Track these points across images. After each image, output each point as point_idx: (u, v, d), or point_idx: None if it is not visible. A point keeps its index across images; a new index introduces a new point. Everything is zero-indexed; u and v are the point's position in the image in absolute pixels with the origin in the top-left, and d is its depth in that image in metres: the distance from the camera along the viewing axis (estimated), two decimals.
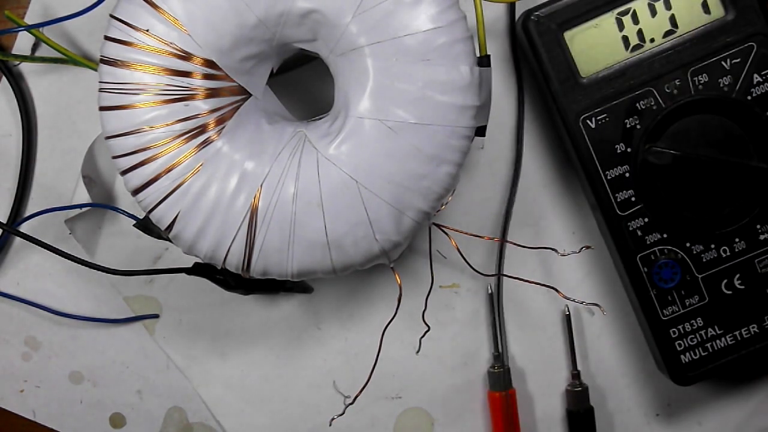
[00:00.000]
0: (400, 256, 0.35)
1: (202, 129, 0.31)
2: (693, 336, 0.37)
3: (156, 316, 0.41)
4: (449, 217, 0.40)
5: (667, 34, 0.37)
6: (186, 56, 0.31)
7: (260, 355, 0.41)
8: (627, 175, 0.37)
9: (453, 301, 0.41)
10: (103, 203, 0.40)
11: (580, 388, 0.40)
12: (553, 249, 0.38)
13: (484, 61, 0.32)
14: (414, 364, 0.41)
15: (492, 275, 0.39)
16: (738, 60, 0.36)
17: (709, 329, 0.37)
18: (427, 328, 0.38)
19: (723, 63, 0.36)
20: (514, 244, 0.38)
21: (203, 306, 0.41)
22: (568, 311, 0.40)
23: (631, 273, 0.37)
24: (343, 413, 0.39)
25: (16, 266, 0.41)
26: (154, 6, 0.31)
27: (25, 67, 0.41)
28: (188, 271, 0.38)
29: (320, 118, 0.34)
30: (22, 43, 0.40)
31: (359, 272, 0.37)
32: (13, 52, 0.40)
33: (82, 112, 0.40)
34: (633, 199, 0.37)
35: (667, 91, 0.36)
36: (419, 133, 0.31)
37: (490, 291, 0.41)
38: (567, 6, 0.36)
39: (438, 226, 0.36)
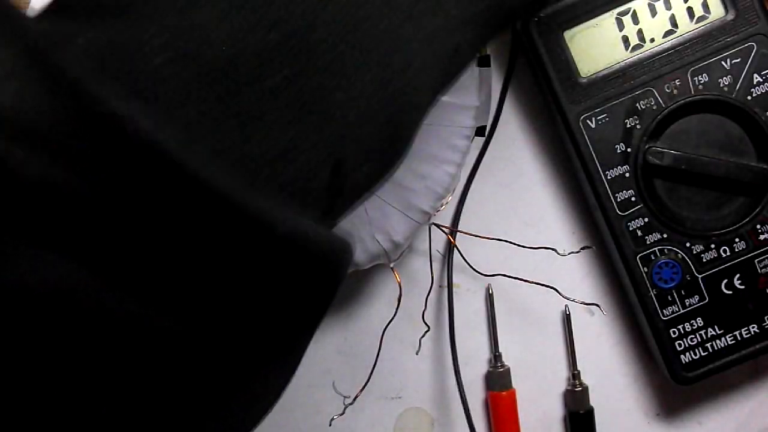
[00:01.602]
0: (400, 255, 0.35)
1: None
2: (693, 336, 0.37)
3: None
4: (449, 217, 0.40)
5: (667, 34, 0.37)
6: None
7: None
8: (627, 175, 0.37)
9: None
10: None
11: (580, 388, 0.40)
12: (553, 249, 0.38)
13: (484, 61, 0.32)
14: (414, 364, 0.41)
15: (492, 275, 0.39)
16: (738, 60, 0.36)
17: (709, 329, 0.37)
18: (427, 328, 0.38)
19: (723, 63, 0.36)
20: (514, 244, 0.38)
21: None
22: (568, 311, 0.40)
23: (631, 273, 0.37)
24: (343, 413, 0.39)
25: None
26: None
27: None
28: None
29: None
30: None
31: (359, 272, 0.37)
32: None
33: None
34: (633, 199, 0.37)
35: (667, 91, 0.36)
36: (419, 132, 0.31)
37: (490, 291, 0.41)
38: (567, 6, 0.36)
39: (438, 226, 0.36)
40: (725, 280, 0.37)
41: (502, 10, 0.23)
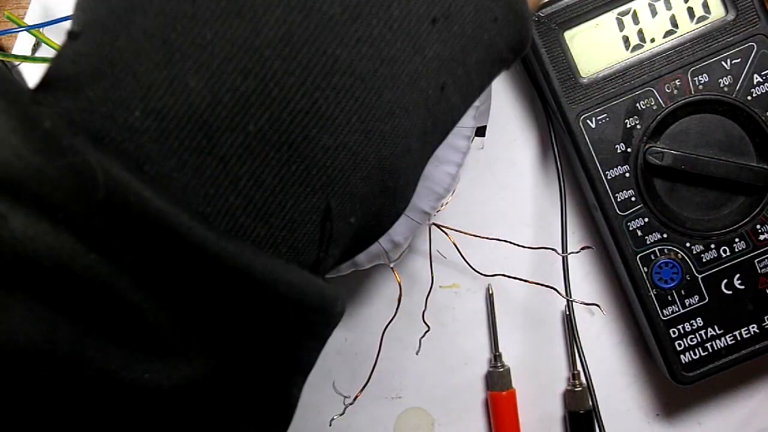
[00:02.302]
0: (400, 255, 0.35)
1: None
2: (693, 336, 0.37)
3: None
4: (449, 217, 0.40)
5: (668, 34, 0.37)
6: None
7: None
8: (627, 175, 0.37)
9: (453, 301, 0.41)
10: None
11: (580, 388, 0.40)
12: (552, 249, 0.38)
13: None
14: (414, 364, 0.41)
15: (492, 275, 0.39)
16: (738, 60, 0.36)
17: (709, 329, 0.37)
18: (427, 328, 0.38)
19: (723, 63, 0.36)
20: (514, 244, 0.38)
21: None
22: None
23: (631, 273, 0.37)
24: (343, 413, 0.39)
25: None
26: None
27: (25, 68, 0.40)
28: None
29: None
30: (22, 43, 0.40)
31: (359, 272, 0.37)
32: (13, 52, 0.40)
33: None
34: (633, 199, 0.37)
35: (667, 91, 0.36)
36: None
37: (490, 291, 0.41)
38: (567, 6, 0.36)
39: (438, 226, 0.36)
40: (725, 280, 0.37)
41: (489, 53, 0.23)
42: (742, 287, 0.37)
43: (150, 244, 0.17)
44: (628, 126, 0.36)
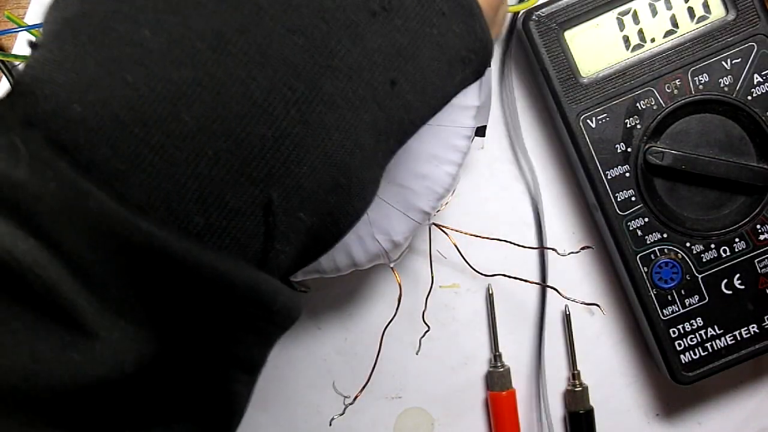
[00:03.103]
0: (400, 255, 0.35)
1: None
2: (693, 336, 0.37)
3: None
4: (449, 217, 0.40)
5: (668, 33, 0.37)
6: None
7: None
8: (627, 175, 0.37)
9: (453, 301, 0.41)
10: None
11: (580, 388, 0.40)
12: (553, 249, 0.38)
13: None
14: (414, 364, 0.41)
15: (492, 275, 0.39)
16: (738, 60, 0.36)
17: (709, 329, 0.37)
18: (427, 328, 0.38)
19: (723, 63, 0.36)
20: (514, 244, 0.38)
21: None
22: (568, 311, 0.40)
23: (631, 273, 0.37)
24: (343, 413, 0.39)
25: None
26: None
27: None
28: None
29: None
30: (22, 43, 0.40)
31: (359, 272, 0.37)
32: (13, 52, 0.40)
33: None
34: (633, 199, 0.37)
35: (667, 90, 0.36)
36: (419, 132, 0.31)
37: (490, 291, 0.41)
38: (567, 6, 0.36)
39: (438, 226, 0.36)
40: (725, 280, 0.37)
41: (443, 50, 0.23)
42: (742, 287, 0.37)
43: (68, 220, 0.18)
44: (629, 126, 0.36)
